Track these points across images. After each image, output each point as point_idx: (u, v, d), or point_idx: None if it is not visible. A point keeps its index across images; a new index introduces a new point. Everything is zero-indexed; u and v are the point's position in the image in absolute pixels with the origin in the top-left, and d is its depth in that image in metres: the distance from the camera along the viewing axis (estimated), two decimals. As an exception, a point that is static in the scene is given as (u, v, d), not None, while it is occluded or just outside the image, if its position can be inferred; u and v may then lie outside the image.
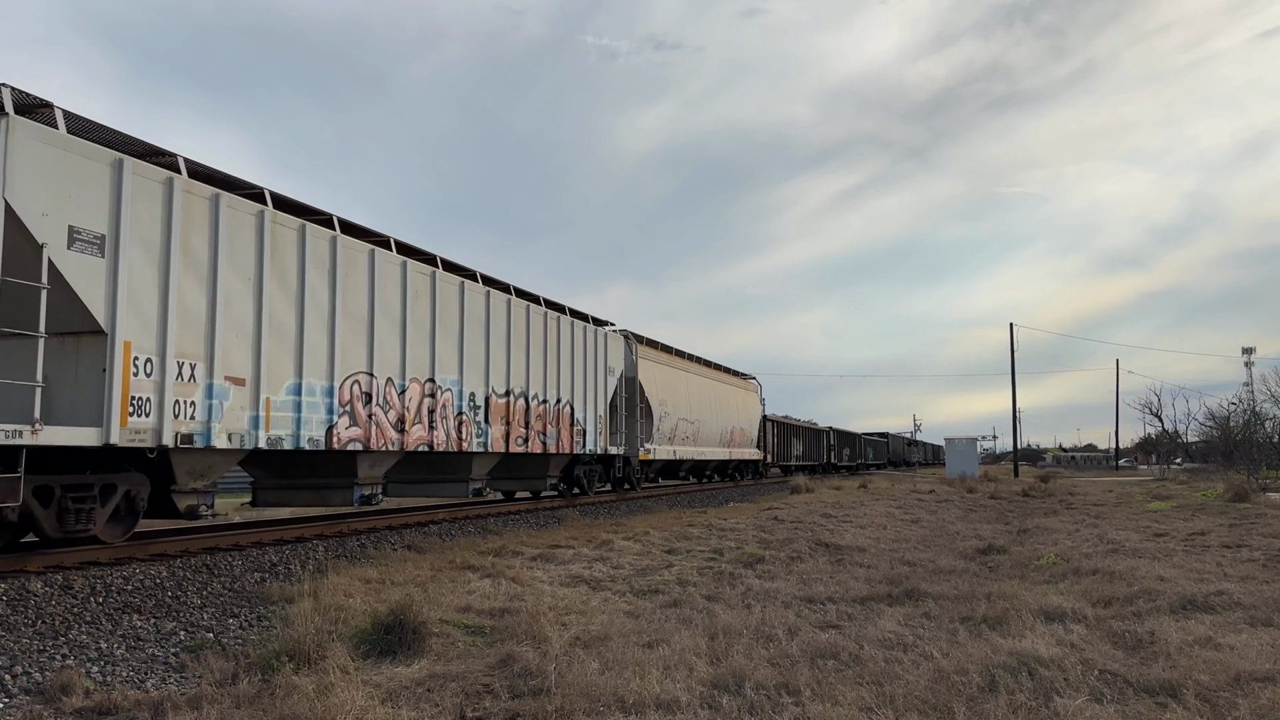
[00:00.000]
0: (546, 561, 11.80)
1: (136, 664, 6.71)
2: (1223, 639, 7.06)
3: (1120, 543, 13.86)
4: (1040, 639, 6.92)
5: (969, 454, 54.48)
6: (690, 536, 14.91)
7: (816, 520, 17.98)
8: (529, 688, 5.89)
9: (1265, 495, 25.61)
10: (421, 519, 15.91)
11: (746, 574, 10.92)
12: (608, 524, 17.40)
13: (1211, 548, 13.34)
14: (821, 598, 9.19)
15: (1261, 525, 16.36)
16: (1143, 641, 7.17)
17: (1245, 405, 52.90)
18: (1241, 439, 46.53)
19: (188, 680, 6.35)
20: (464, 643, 7.35)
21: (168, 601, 8.92)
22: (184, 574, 9.95)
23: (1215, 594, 8.90)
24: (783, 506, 21.92)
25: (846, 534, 15.57)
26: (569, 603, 8.84)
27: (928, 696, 5.61)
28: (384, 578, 10.09)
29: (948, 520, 19.88)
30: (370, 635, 7.04)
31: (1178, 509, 21.85)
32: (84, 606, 8.35)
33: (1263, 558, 12.00)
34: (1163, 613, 8.24)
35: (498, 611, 8.36)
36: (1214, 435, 52.50)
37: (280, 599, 9.02)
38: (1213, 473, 42.03)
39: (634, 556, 12.41)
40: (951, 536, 16.13)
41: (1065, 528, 17.08)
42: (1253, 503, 22.50)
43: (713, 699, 5.61)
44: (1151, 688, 5.83)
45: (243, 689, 5.85)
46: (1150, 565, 11.15)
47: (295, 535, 13.03)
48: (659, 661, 6.39)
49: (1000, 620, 7.80)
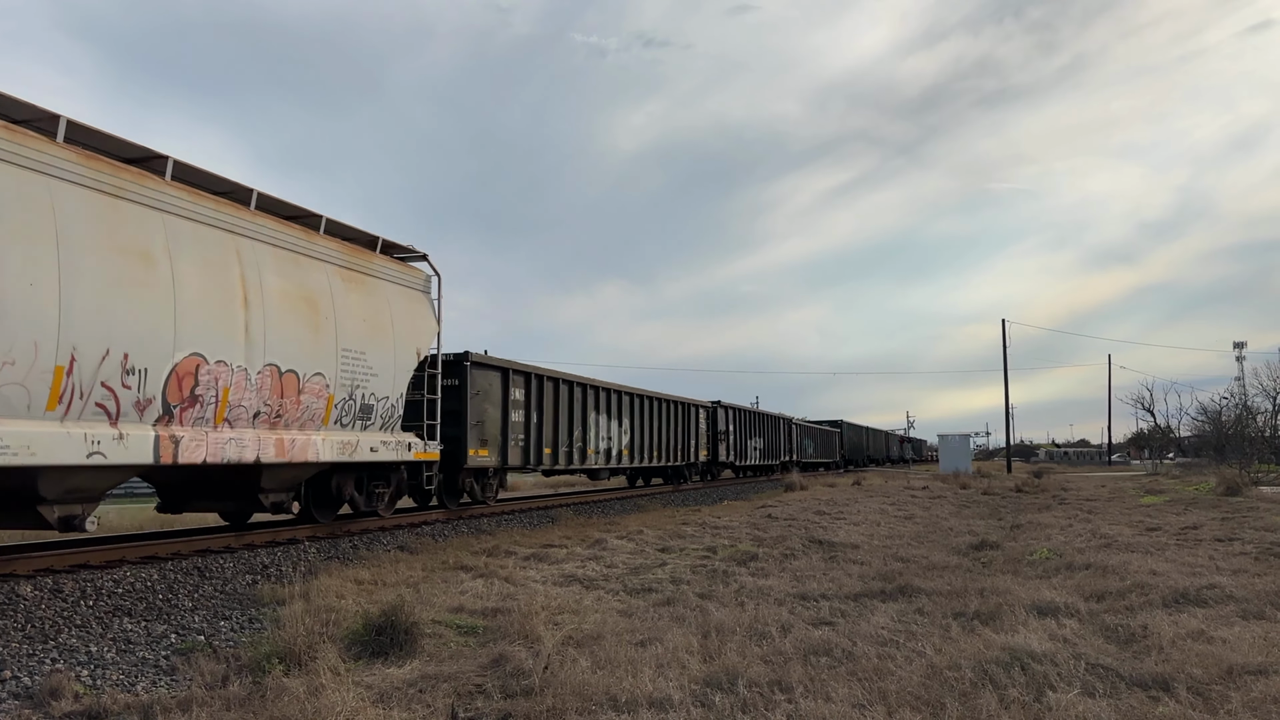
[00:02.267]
0: (540, 561, 11.78)
1: (127, 667, 6.67)
2: (1215, 632, 7.07)
3: (1113, 537, 13.88)
4: (1033, 634, 6.91)
5: (962, 450, 54.67)
6: (684, 535, 14.90)
7: (810, 517, 17.99)
8: (521, 687, 5.87)
9: (1257, 489, 25.70)
10: (415, 520, 15.88)
11: (740, 571, 10.91)
12: (601, 522, 17.40)
13: (1204, 541, 13.37)
14: (815, 594, 9.19)
15: (1254, 519, 16.41)
16: (1135, 635, 7.17)
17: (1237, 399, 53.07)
18: (1233, 433, 46.72)
19: (178, 683, 6.31)
20: (456, 643, 7.33)
21: (158, 604, 8.88)
22: (175, 576, 9.91)
23: (1208, 587, 8.91)
24: (776, 504, 21.92)
25: (840, 531, 15.57)
26: (562, 602, 8.82)
27: (921, 692, 5.60)
28: (376, 578, 10.06)
29: (941, 516, 19.90)
30: (362, 636, 7.01)
31: (1170, 503, 21.91)
32: (74, 610, 8.32)
33: (1255, 551, 12.03)
34: (1155, 607, 8.25)
35: (490, 611, 8.34)
36: (1206, 430, 52.69)
37: (272, 601, 9.00)
38: (1205, 467, 42.18)
39: (627, 555, 12.39)
40: (945, 532, 16.14)
41: (1058, 523, 17.11)
42: (1245, 496, 22.59)
43: (706, 697, 5.59)
44: (1144, 681, 5.83)
45: (233, 691, 5.82)
46: (1143, 560, 11.16)
47: (287, 537, 12.99)
48: (652, 660, 6.37)
49: (993, 615, 7.79)
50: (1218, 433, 48.72)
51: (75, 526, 9.26)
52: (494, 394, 17.98)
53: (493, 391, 17.93)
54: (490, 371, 17.88)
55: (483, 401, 17.45)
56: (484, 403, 17.53)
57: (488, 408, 17.70)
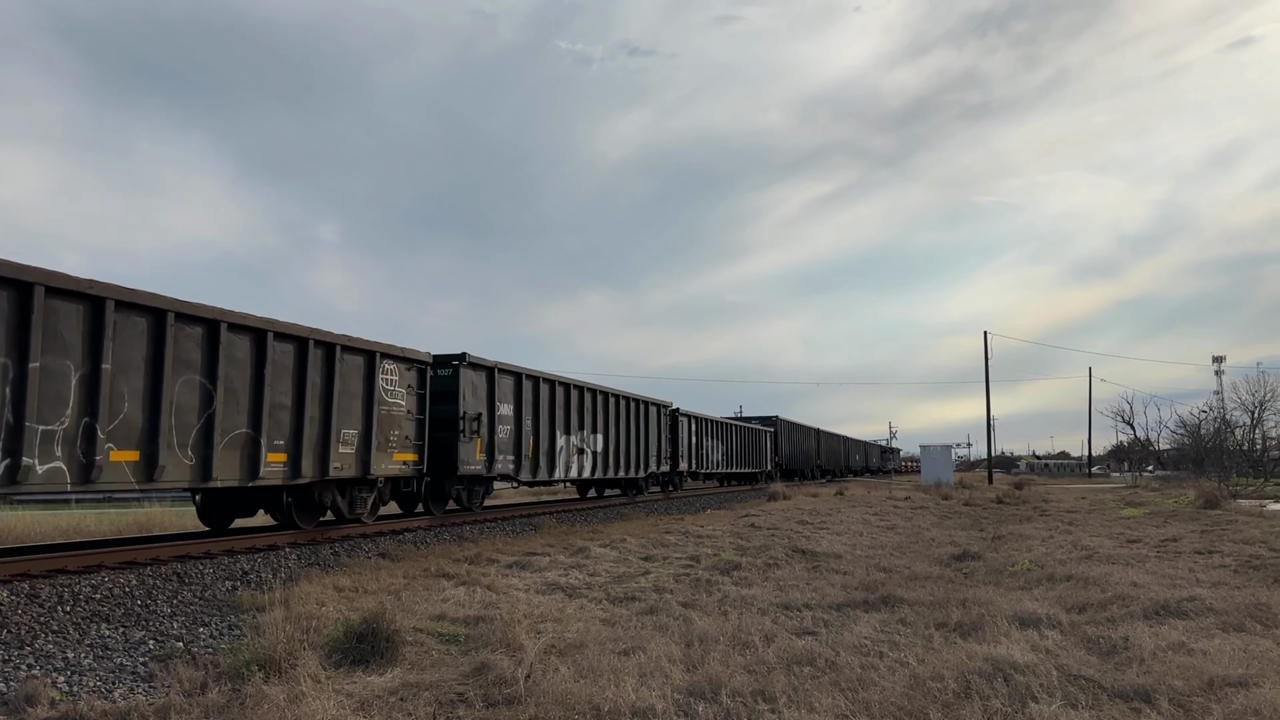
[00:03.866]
0: (522, 569, 11.73)
1: (104, 674, 6.59)
2: (1196, 644, 7.10)
3: (1094, 549, 13.95)
4: (1015, 645, 6.93)
5: (944, 461, 54.85)
6: (667, 544, 14.87)
7: (793, 527, 18.00)
8: (503, 696, 5.84)
9: (1236, 502, 25.89)
10: (396, 527, 15.79)
11: (723, 581, 10.90)
12: (585, 531, 17.34)
13: (1184, 554, 13.45)
14: (798, 604, 9.18)
15: (1232, 532, 16.53)
16: (1117, 647, 7.20)
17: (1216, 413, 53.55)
18: (1212, 446, 47.06)
19: (156, 690, 6.25)
20: (438, 651, 7.28)
21: (137, 610, 8.79)
22: (154, 582, 9.81)
23: (1188, 600, 8.96)
24: (760, 513, 21.93)
25: (823, 540, 15.59)
26: (545, 610, 8.78)
27: (903, 703, 5.60)
28: (357, 586, 10.00)
29: (923, 527, 19.95)
30: (343, 644, 6.95)
31: (1150, 516, 22.04)
32: (51, 615, 8.21)
33: (1234, 564, 12.11)
34: (1136, 618, 8.28)
35: (472, 619, 8.29)
36: (1185, 443, 53.04)
37: (252, 607, 8.92)
38: (1184, 480, 42.45)
39: (610, 564, 12.36)
40: (927, 543, 16.18)
41: (1039, 534, 17.18)
42: (1224, 509, 22.76)
43: (689, 706, 5.57)
44: (1126, 693, 5.85)
45: (212, 698, 5.76)
46: (1124, 571, 11.22)
47: (268, 543, 12.88)
48: (635, 669, 6.35)
49: (975, 626, 7.81)
50: (1197, 446, 49.06)
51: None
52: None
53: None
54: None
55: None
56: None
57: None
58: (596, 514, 22.27)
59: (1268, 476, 42.76)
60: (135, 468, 10.18)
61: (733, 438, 39.42)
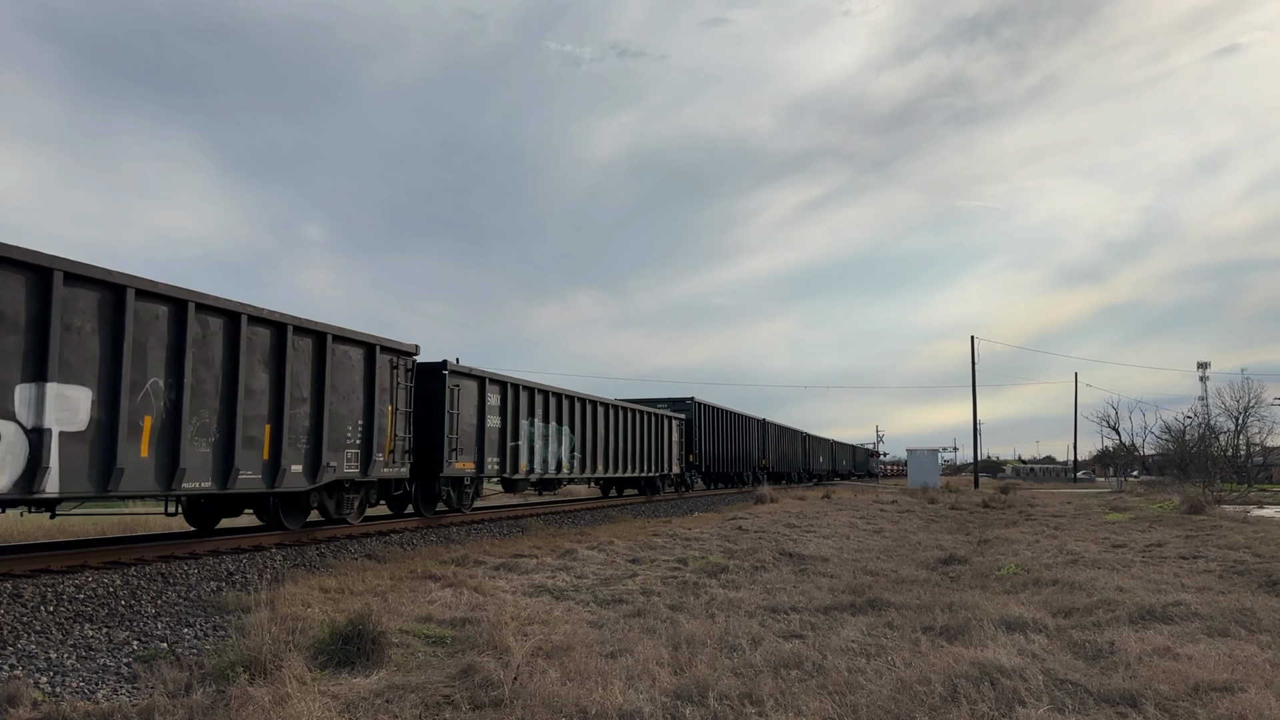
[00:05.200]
0: (509, 571, 11.70)
1: (87, 674, 6.54)
2: (1181, 649, 7.14)
3: (1079, 554, 14.00)
4: (1002, 649, 6.95)
5: (930, 465, 54.99)
6: (655, 546, 14.86)
7: (780, 530, 18.01)
8: (490, 698, 5.82)
9: (1220, 508, 26.04)
10: (384, 528, 15.73)
11: (711, 583, 10.90)
12: (572, 533, 17.32)
13: (1169, 559, 13.52)
14: (785, 607, 9.19)
15: (1217, 537, 16.62)
16: (1103, 651, 7.22)
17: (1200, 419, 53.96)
18: (1197, 452, 47.37)
19: (140, 691, 6.20)
20: (424, 653, 7.25)
21: (121, 610, 8.72)
22: (138, 582, 9.75)
23: (1173, 604, 9.00)
24: (747, 516, 21.93)
25: (810, 544, 15.60)
26: (532, 612, 8.76)
27: (890, 706, 5.61)
28: (343, 587, 9.95)
29: (910, 530, 20.00)
30: (328, 645, 6.92)
31: (1135, 521, 22.15)
32: (34, 615, 8.15)
33: (1219, 569, 12.17)
34: (1122, 623, 8.32)
35: (459, 621, 8.27)
36: (1170, 448, 53.38)
37: (237, 608, 8.87)
38: (1169, 485, 42.70)
39: (598, 566, 12.34)
40: (913, 547, 16.22)
41: (1025, 538, 17.24)
42: (1208, 515, 22.87)
43: (676, 709, 5.56)
44: (1112, 697, 5.87)
45: (196, 700, 5.72)
46: (1109, 576, 11.26)
47: (253, 544, 12.81)
48: (622, 671, 6.34)
49: (962, 630, 7.83)
50: (1181, 451, 49.38)
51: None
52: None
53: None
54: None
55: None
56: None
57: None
58: (584, 516, 22.24)
59: (1252, 482, 43.07)
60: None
61: (592, 424, 24.44)
